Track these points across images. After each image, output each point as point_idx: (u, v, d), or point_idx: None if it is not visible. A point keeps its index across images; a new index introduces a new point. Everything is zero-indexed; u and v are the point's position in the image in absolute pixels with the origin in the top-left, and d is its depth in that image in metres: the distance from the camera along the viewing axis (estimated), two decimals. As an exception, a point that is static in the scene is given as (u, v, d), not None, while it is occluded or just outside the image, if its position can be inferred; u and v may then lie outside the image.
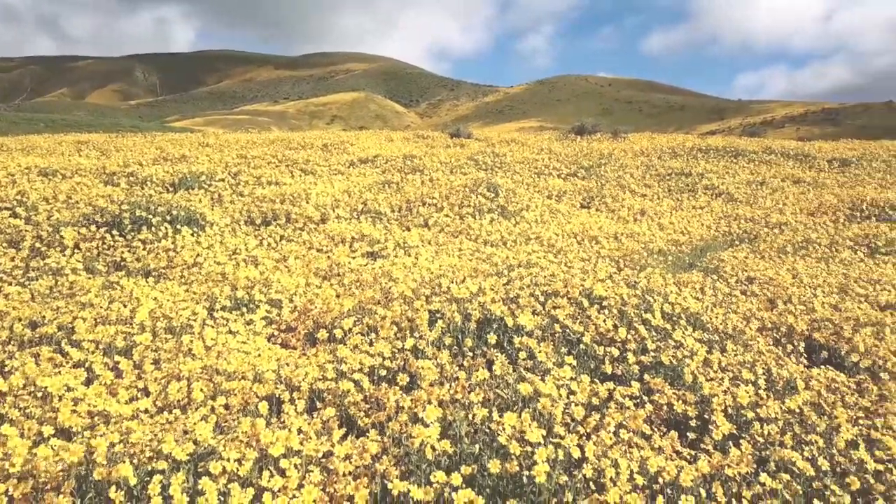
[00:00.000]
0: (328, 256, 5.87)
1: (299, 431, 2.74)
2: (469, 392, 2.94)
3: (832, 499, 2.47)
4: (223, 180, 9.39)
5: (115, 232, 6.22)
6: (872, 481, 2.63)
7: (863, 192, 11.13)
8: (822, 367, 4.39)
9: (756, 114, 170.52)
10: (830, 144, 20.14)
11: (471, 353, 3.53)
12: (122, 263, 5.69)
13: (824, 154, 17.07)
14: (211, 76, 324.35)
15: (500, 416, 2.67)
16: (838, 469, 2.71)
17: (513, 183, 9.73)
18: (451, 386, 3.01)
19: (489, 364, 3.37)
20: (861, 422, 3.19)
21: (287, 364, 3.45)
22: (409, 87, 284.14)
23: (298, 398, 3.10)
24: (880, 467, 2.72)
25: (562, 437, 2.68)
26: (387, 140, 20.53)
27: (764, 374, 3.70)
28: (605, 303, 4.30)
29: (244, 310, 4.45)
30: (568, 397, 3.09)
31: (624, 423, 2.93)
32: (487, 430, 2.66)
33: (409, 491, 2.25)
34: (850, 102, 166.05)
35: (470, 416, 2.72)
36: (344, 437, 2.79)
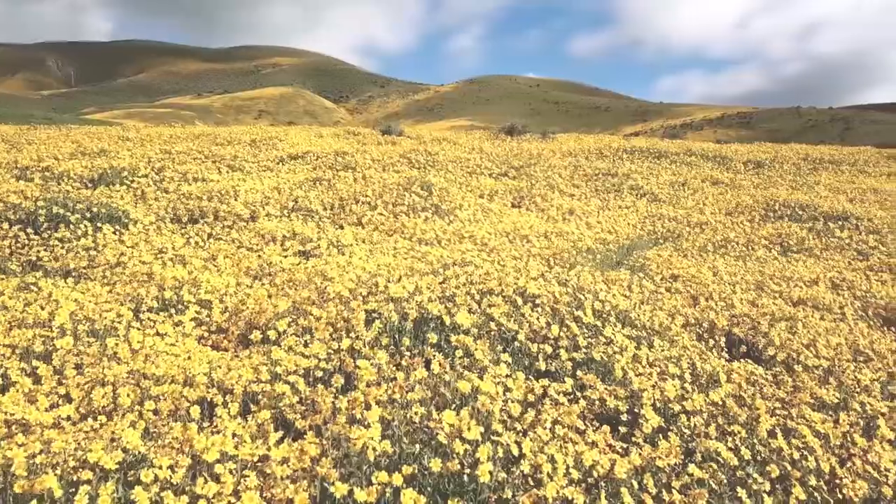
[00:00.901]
0: (259, 255, 5.74)
1: (233, 435, 2.68)
2: (408, 392, 2.94)
3: (754, 486, 2.61)
4: (146, 176, 9.03)
5: (29, 230, 5.89)
6: (790, 468, 2.79)
7: (776, 193, 11.75)
8: (742, 360, 4.61)
9: (676, 116, 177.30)
10: (746, 147, 21.16)
11: (408, 353, 3.53)
12: (39, 263, 5.39)
13: (740, 156, 17.92)
14: (130, 67, 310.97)
15: (439, 415, 2.68)
16: (759, 458, 2.86)
17: (446, 182, 9.78)
18: (388, 386, 3.00)
19: (427, 363, 3.38)
20: (778, 412, 3.37)
21: (219, 366, 3.35)
22: (339, 83, 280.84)
23: (232, 401, 3.02)
24: (796, 455, 2.89)
25: (500, 435, 2.72)
26: (317, 136, 20.21)
27: (689, 368, 3.86)
28: (538, 301, 4.39)
29: (172, 311, 4.30)
30: (504, 394, 3.13)
31: (559, 418, 3.00)
32: (427, 430, 2.67)
33: (351, 492, 2.24)
34: (763, 107, 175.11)
35: (409, 416, 2.73)
36: (281, 441, 2.74)
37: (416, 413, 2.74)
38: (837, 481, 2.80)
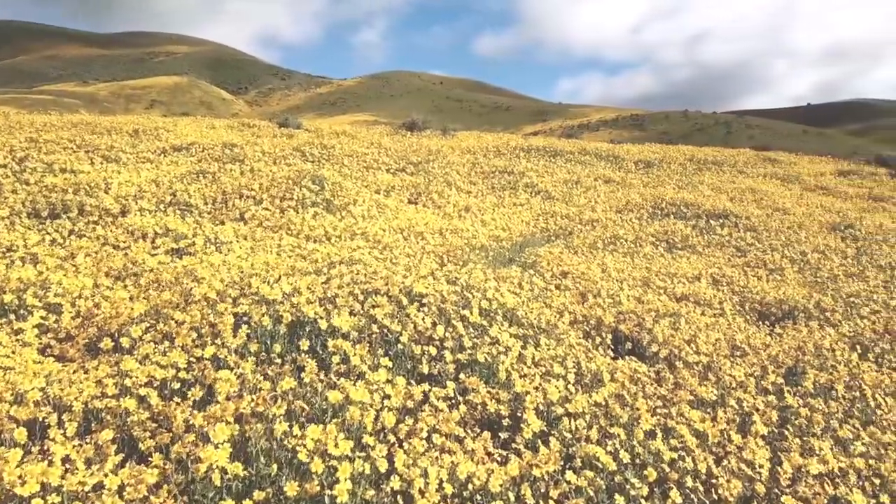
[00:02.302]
0: (125, 254, 5.26)
1: (65, 460, 2.34)
2: (273, 404, 2.68)
3: (632, 492, 2.54)
4: (5, 166, 8.19)
5: None
6: (668, 470, 2.75)
7: (663, 192, 12.20)
8: (628, 358, 4.64)
9: (574, 117, 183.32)
10: (637, 147, 21.97)
11: (279, 360, 3.26)
12: None
13: (631, 156, 18.57)
14: (4, 49, 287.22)
15: (304, 430, 2.45)
16: (637, 461, 2.80)
17: (340, 176, 9.47)
18: (252, 398, 2.73)
19: (299, 371, 3.13)
20: (659, 411, 3.36)
21: (59, 380, 2.96)
22: (238, 75, 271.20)
23: (70, 420, 2.66)
24: (674, 456, 2.86)
25: (372, 448, 2.52)
26: (209, 128, 19.25)
27: (574, 367, 3.80)
28: (425, 300, 4.22)
29: (13, 317, 3.81)
30: (382, 402, 2.93)
31: (437, 426, 2.84)
32: (289, 447, 2.43)
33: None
34: (654, 110, 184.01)
35: (269, 432, 2.47)
36: (122, 464, 2.42)
37: (278, 428, 2.49)
38: (714, 481, 2.78)
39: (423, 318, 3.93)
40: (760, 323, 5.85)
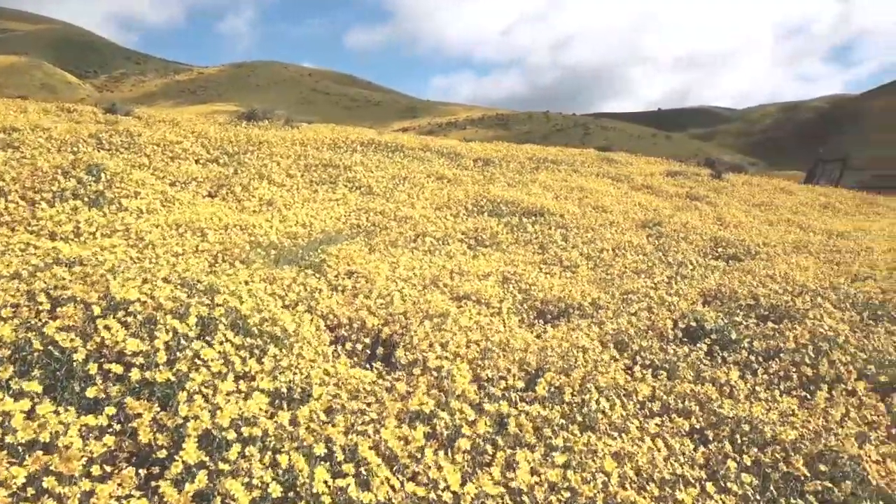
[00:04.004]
0: None
1: None
2: None
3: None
4: None
5: None
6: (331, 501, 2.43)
7: (489, 190, 12.22)
8: (379, 363, 4.36)
9: (443, 115, 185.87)
10: (481, 146, 22.23)
11: None
12: None
13: (473, 154, 18.70)
14: None
15: None
16: (305, 494, 2.46)
17: (128, 165, 8.59)
18: None
19: None
20: (360, 428, 3.05)
21: None
22: (88, 57, 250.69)
23: None
24: (349, 482, 2.54)
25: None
26: (19, 111, 17.34)
27: (288, 382, 3.43)
28: (131, 308, 3.68)
29: None
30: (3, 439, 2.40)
31: (54, 466, 2.34)
32: None
33: None
34: (519, 111, 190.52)
35: None
36: None
37: None
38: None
39: (117, 330, 3.39)
40: (537, 322, 5.80)
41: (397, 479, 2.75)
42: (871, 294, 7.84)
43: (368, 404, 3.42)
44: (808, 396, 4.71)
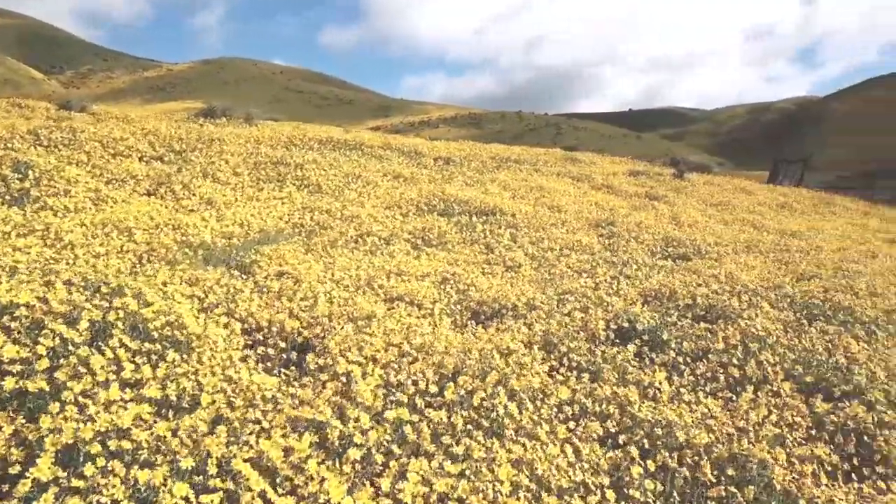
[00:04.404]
0: None
1: None
2: None
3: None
4: None
5: None
6: None
7: (445, 189, 12.10)
8: (291, 369, 4.22)
9: (416, 114, 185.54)
10: (445, 144, 22.12)
11: None
12: None
13: (435, 153, 18.56)
14: None
15: None
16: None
17: (67, 163, 8.31)
18: None
19: None
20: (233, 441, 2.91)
21: None
22: (55, 53, 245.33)
23: None
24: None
25: None
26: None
27: (178, 390, 3.27)
28: (16, 313, 3.49)
29: None
30: None
31: None
32: None
33: None
34: (491, 110, 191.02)
35: None
36: None
37: None
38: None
39: (-5, 337, 3.20)
40: (470, 323, 5.70)
41: (276, 492, 2.62)
42: (814, 293, 7.90)
43: (265, 413, 3.28)
44: (734, 398, 4.68)
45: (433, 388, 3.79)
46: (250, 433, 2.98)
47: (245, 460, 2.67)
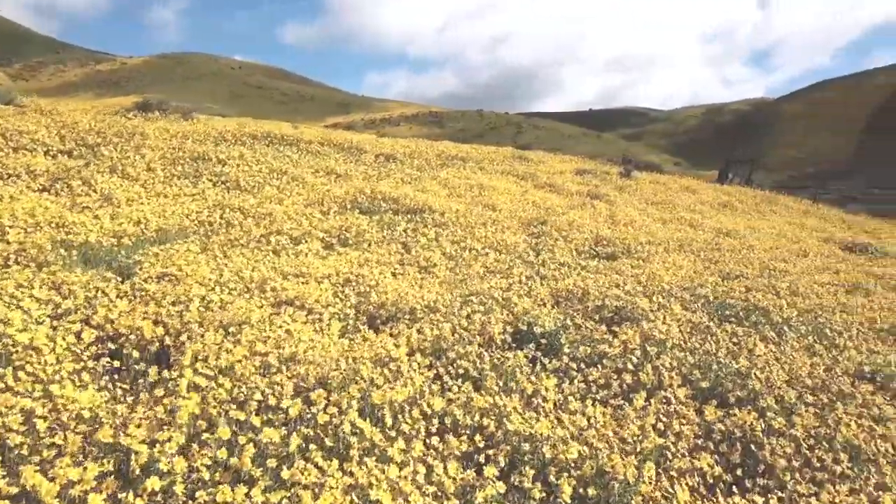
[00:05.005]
0: None
1: None
2: None
3: None
4: None
5: None
6: None
7: (377, 187, 11.74)
8: (137, 383, 3.85)
9: (378, 111, 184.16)
10: (392, 141, 21.77)
11: None
12: None
13: (377, 150, 18.17)
14: None
15: None
16: None
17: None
18: None
19: None
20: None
21: None
22: (2, 45, 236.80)
23: None
24: None
25: None
26: None
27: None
28: None
29: None
30: None
31: None
32: None
33: None
34: (453, 108, 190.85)
35: None
36: None
37: None
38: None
39: None
40: (367, 328, 5.37)
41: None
42: (735, 293, 7.80)
43: (69, 435, 2.91)
44: (625, 405, 4.46)
45: (286, 403, 3.46)
46: (35, 460, 2.61)
47: (10, 497, 2.32)
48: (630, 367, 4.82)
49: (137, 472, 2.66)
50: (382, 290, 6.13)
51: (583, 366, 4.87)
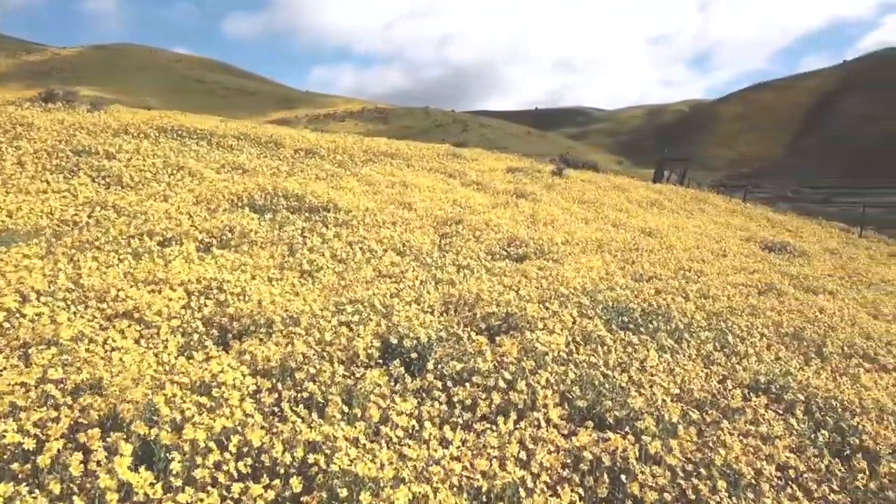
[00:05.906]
0: None
1: None
2: None
3: None
4: None
5: None
6: None
7: (284, 183, 11.04)
8: None
9: (322, 106, 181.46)
10: (315, 136, 20.94)
11: None
12: None
13: (297, 144, 17.37)
14: None
15: None
16: None
17: None
18: None
19: None
20: None
21: None
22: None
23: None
24: None
25: None
26: None
27: None
28: None
29: None
30: None
31: None
32: None
33: None
34: (399, 105, 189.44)
35: None
36: None
37: None
38: None
39: None
40: (210, 344, 4.72)
41: None
42: (643, 296, 7.45)
43: None
44: (492, 429, 3.95)
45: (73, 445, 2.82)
46: None
47: None
48: (502, 384, 4.32)
49: None
50: (248, 299, 5.50)
51: (449, 384, 4.34)
